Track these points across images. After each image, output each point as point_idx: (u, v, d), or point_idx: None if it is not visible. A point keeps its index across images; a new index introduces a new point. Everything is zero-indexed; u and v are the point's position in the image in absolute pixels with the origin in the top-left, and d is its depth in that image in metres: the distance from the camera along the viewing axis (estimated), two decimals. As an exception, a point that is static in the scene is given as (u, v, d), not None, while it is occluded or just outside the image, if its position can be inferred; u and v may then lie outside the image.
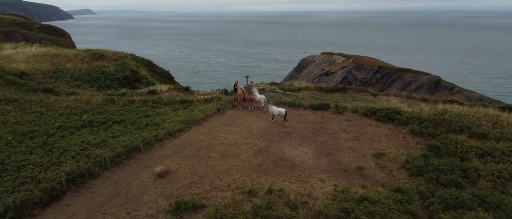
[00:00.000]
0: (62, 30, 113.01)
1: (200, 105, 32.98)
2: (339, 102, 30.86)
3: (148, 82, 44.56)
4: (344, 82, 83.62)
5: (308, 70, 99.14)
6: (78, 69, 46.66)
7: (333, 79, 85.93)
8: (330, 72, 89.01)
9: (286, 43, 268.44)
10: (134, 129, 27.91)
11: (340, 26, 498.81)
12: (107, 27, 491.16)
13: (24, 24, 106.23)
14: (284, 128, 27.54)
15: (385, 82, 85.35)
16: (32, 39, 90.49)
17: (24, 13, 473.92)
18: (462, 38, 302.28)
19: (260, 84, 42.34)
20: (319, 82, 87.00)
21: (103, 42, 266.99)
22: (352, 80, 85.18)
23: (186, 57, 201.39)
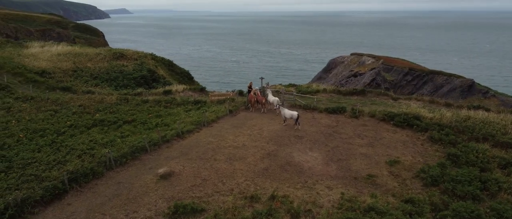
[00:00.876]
0: (95, 29, 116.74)
1: (213, 106, 32.88)
2: (356, 106, 29.94)
3: (165, 82, 45.02)
4: (372, 84, 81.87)
5: (337, 71, 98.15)
6: (98, 68, 47.73)
7: (361, 81, 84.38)
8: (359, 74, 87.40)
9: (317, 44, 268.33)
10: (144, 129, 28.10)
11: (374, 26, 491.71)
12: (143, 26, 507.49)
13: (60, 23, 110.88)
14: (296, 132, 26.96)
15: (415, 84, 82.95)
16: (66, 38, 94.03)
17: (64, 12, 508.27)
18: (504, 40, 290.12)
19: (277, 86, 41.86)
20: (346, 84, 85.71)
21: (138, 41, 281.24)
22: (381, 82, 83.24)
23: (217, 57, 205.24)
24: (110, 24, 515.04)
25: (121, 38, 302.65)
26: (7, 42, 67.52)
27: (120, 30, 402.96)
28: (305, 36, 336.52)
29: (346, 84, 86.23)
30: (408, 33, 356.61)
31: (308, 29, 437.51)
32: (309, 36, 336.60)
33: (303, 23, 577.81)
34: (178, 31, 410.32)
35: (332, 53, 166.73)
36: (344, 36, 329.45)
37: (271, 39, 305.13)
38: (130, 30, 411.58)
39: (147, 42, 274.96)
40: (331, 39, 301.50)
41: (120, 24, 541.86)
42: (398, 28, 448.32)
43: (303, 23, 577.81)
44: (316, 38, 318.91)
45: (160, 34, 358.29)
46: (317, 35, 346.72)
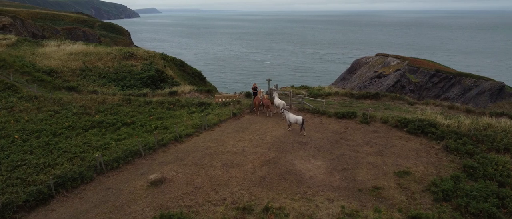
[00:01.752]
0: (121, 28, 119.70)
1: (217, 109, 32.08)
2: (368, 111, 28.51)
3: (173, 82, 44.58)
4: (396, 86, 79.77)
5: (361, 72, 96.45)
6: (107, 67, 47.78)
7: (384, 82, 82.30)
8: (383, 75, 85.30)
9: (345, 44, 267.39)
10: (142, 132, 27.57)
11: (405, 26, 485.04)
12: (171, 25, 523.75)
13: (87, 22, 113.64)
14: (300, 137, 25.82)
15: (442, 87, 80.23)
16: (91, 36, 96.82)
17: (96, 11, 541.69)
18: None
19: (287, 88, 40.71)
20: (370, 85, 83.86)
21: (166, 40, 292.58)
22: (406, 84, 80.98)
23: (243, 56, 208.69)
24: (139, 23, 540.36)
25: (150, 37, 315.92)
26: (24, 41, 68.70)
27: (149, 29, 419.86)
28: (333, 36, 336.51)
29: (369, 85, 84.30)
30: (439, 34, 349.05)
31: (337, 29, 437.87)
32: (337, 36, 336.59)
33: (332, 23, 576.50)
34: (206, 30, 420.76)
35: (359, 54, 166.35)
36: (373, 36, 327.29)
37: (298, 39, 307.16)
38: (159, 29, 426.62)
39: (175, 42, 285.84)
40: (360, 39, 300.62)
41: (149, 23, 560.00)
42: (430, 28, 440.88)
43: (332, 23, 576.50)
44: (344, 38, 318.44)
45: (188, 34, 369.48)
46: (346, 35, 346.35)
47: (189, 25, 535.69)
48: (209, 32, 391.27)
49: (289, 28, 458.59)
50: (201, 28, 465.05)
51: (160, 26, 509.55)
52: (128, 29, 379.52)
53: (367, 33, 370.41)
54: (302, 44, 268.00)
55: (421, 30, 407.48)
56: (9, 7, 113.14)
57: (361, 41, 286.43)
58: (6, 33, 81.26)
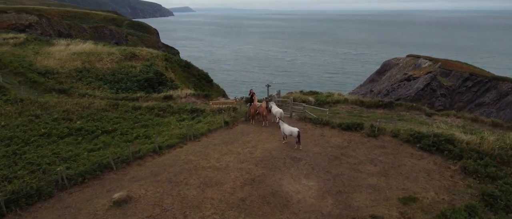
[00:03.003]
0: (149, 27, 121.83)
1: (210, 116, 30.17)
2: (377, 122, 25.88)
3: (172, 85, 43.09)
4: (426, 89, 76.49)
5: (390, 74, 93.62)
6: (105, 69, 46.88)
7: (414, 85, 79.06)
8: (412, 78, 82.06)
9: (377, 44, 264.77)
10: (122, 141, 25.97)
11: (441, 26, 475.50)
12: (204, 24, 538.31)
13: (116, 20, 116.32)
14: (295, 152, 23.52)
15: (476, 92, 76.10)
16: (118, 35, 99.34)
17: (131, 10, 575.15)
18: None
19: (293, 93, 38.39)
20: (399, 88, 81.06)
21: (199, 39, 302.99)
22: (436, 87, 77.44)
23: (272, 55, 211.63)
24: (173, 22, 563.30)
25: (183, 35, 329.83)
26: (34, 40, 69.07)
27: (182, 28, 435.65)
28: (366, 36, 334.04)
29: (398, 88, 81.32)
30: (479, 35, 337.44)
31: (370, 29, 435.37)
32: (370, 36, 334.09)
33: (364, 23, 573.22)
34: (238, 29, 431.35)
35: (392, 54, 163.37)
36: (407, 37, 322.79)
37: (329, 39, 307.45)
38: (193, 28, 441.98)
39: (207, 40, 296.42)
40: (393, 39, 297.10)
41: (183, 22, 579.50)
42: (468, 28, 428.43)
43: (364, 23, 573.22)
44: (378, 38, 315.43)
45: (221, 32, 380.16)
46: (379, 35, 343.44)
47: (222, 24, 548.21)
48: (241, 31, 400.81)
49: (321, 28, 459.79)
50: (233, 27, 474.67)
51: (193, 24, 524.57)
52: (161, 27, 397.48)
53: (402, 33, 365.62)
54: (334, 44, 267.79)
55: (459, 30, 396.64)
56: (42, 6, 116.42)
57: (395, 41, 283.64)
58: (33, 31, 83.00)
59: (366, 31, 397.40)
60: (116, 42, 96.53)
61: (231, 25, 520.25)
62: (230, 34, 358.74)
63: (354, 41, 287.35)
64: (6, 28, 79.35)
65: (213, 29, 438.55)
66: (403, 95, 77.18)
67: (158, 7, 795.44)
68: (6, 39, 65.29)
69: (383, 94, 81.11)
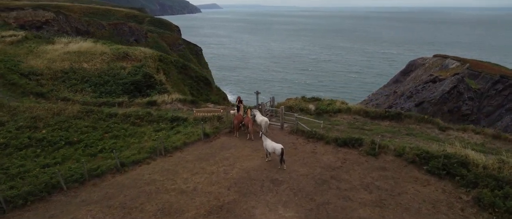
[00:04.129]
0: (170, 24, 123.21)
1: (190, 126, 27.69)
2: (379, 138, 22.86)
3: (161, 89, 40.85)
4: (452, 92, 72.60)
5: (415, 75, 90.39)
6: (93, 70, 45.11)
7: (439, 88, 75.35)
8: (438, 79, 78.36)
9: (407, 42, 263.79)
10: (85, 155, 23.75)
11: (478, 24, 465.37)
12: (232, 21, 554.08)
13: (137, 17, 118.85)
14: (278, 173, 20.79)
15: (507, 95, 71.80)
16: (137, 32, 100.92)
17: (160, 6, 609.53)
18: None
19: (291, 100, 35.55)
20: (423, 90, 77.79)
21: (226, 36, 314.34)
22: (464, 90, 73.40)
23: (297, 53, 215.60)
24: (201, 19, 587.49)
25: (210, 32, 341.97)
26: (34, 37, 68.28)
27: (209, 25, 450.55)
28: (396, 34, 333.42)
29: (422, 90, 77.86)
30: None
31: (401, 26, 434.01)
32: (400, 34, 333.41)
33: (396, 20, 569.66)
34: (266, 26, 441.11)
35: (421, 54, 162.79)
36: (441, 35, 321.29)
37: (358, 37, 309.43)
38: (220, 25, 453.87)
39: (233, 37, 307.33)
40: (423, 38, 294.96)
41: (210, 19, 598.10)
42: (505, 27, 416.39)
43: (396, 20, 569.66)
44: (407, 36, 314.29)
45: (248, 29, 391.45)
46: (409, 33, 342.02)
47: (249, 20, 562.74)
48: (268, 28, 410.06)
49: (350, 25, 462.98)
50: (260, 24, 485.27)
51: (221, 21, 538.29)
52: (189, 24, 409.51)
53: (434, 31, 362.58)
54: (362, 42, 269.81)
55: (494, 29, 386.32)
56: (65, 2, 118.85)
57: (428, 39, 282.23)
58: (49, 28, 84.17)
59: (396, 29, 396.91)
60: (135, 39, 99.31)
61: (258, 22, 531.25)
62: (256, 31, 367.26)
63: (383, 39, 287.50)
64: (23, 24, 79.98)
65: (239, 26, 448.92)
66: (428, 98, 73.47)
67: (186, 4, 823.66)
68: (4, 37, 64.62)
69: (407, 96, 77.72)
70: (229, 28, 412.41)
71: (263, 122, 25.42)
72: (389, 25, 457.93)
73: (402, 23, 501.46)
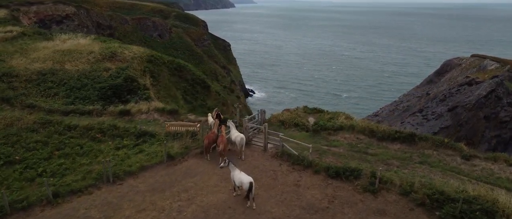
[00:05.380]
0: (196, 19, 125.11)
1: (157, 144, 24.11)
2: (383, 168, 18.70)
3: (143, 95, 37.42)
4: (490, 97, 67.39)
5: (450, 76, 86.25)
6: (74, 71, 42.22)
7: (475, 91, 70.35)
8: (475, 82, 73.34)
9: (447, 40, 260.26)
10: (21, 179, 20.53)
11: None
12: (265, 16, 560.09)
13: (163, 11, 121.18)
14: (244, 214, 16.96)
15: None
16: (161, 27, 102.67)
17: (194, 1, 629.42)
18: None
19: (290, 111, 31.46)
20: (457, 93, 73.01)
21: (260, 32, 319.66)
22: (503, 95, 68.18)
23: (331, 50, 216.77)
24: (234, 14, 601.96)
25: (244, 28, 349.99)
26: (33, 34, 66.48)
27: (243, 20, 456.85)
28: (437, 31, 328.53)
29: (457, 94, 73.11)
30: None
31: (443, 23, 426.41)
32: (442, 31, 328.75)
33: (438, 17, 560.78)
34: (301, 22, 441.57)
35: (461, 52, 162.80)
36: (483, 33, 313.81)
37: (395, 33, 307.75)
38: (253, 20, 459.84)
39: (267, 33, 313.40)
40: (466, 36, 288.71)
41: (244, 14, 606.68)
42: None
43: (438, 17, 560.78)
44: (449, 33, 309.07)
45: (282, 25, 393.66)
46: (451, 31, 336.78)
47: (283, 16, 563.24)
48: (301, 24, 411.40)
49: (386, 21, 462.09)
50: (295, 19, 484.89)
51: (255, 16, 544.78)
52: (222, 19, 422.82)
53: (474, 29, 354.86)
54: (398, 38, 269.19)
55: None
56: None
57: (464, 38, 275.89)
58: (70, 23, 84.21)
59: (438, 26, 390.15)
60: (158, 34, 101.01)
61: (292, 17, 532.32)
62: (290, 27, 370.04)
63: (420, 36, 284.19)
64: (43, 19, 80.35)
65: (273, 21, 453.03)
66: (462, 102, 68.36)
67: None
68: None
69: (439, 99, 72.92)
70: (262, 23, 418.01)
71: (238, 139, 21.65)
72: (428, 21, 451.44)
73: (442, 19, 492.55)
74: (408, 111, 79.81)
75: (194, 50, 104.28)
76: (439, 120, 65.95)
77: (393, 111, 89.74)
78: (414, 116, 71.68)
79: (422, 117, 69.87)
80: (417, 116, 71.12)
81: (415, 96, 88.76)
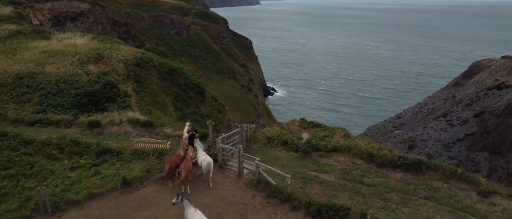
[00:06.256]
0: (216, 16, 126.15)
1: (117, 164, 21.20)
2: (378, 205, 15.44)
3: (122, 103, 34.58)
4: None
5: (479, 78, 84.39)
6: (53, 75, 39.91)
7: (505, 96, 67.48)
8: (505, 86, 70.80)
9: (479, 40, 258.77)
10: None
11: None
12: (291, 13, 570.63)
13: (183, 9, 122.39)
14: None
15: None
16: (179, 24, 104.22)
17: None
18: None
19: (281, 125, 28.14)
20: (485, 98, 69.88)
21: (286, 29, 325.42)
22: None
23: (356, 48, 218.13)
24: (260, 11, 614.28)
25: (269, 25, 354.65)
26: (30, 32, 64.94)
27: (268, 17, 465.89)
28: (469, 30, 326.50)
29: (485, 98, 70.04)
30: None
31: (475, 22, 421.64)
32: (473, 30, 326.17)
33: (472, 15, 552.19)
34: (328, 19, 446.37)
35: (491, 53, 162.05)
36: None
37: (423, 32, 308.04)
38: (279, 18, 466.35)
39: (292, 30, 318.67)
40: (502, 35, 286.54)
41: (269, 11, 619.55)
42: None
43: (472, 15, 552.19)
44: (482, 33, 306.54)
45: (307, 23, 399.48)
46: (483, 30, 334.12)
47: (310, 13, 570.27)
48: (327, 22, 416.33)
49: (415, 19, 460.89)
50: (322, 17, 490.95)
51: (281, 13, 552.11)
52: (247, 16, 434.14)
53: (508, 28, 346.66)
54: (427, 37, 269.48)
55: None
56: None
57: (496, 37, 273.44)
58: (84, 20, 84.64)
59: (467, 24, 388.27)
60: (176, 32, 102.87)
61: (318, 14, 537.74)
62: (315, 25, 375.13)
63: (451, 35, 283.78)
64: (57, 16, 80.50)
65: (298, 18, 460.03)
66: (490, 107, 64.63)
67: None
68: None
69: (465, 103, 69.72)
70: (287, 20, 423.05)
71: (204, 164, 18.64)
72: (459, 20, 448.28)
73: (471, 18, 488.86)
74: (432, 114, 76.80)
75: (212, 47, 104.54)
76: (464, 126, 62.63)
77: (416, 114, 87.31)
78: (438, 120, 68.55)
79: (446, 122, 66.60)
80: (441, 121, 67.92)
81: (441, 98, 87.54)
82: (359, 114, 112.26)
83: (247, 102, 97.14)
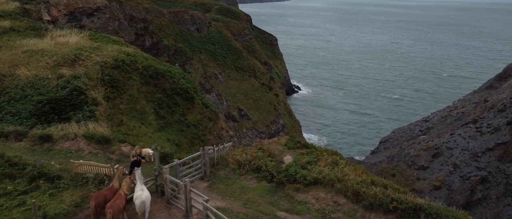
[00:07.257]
0: (239, 13, 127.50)
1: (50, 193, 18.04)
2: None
3: (89, 112, 31.36)
4: None
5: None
6: (23, 78, 37.21)
7: None
8: None
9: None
10: None
11: None
12: (321, 10, 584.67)
13: (206, 5, 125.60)
14: None
15: None
16: (199, 20, 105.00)
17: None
18: None
19: (254, 148, 24.59)
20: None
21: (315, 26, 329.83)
22: None
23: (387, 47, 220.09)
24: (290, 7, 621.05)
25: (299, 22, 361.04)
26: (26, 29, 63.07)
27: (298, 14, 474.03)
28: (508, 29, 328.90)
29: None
30: None
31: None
32: None
33: None
34: (359, 17, 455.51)
35: None
36: None
37: (459, 31, 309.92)
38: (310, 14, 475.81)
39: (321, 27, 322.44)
40: None
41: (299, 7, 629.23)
42: None
43: None
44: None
45: (337, 19, 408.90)
46: None
47: (341, 10, 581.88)
48: (358, 19, 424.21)
49: (450, 18, 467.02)
50: (353, 14, 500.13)
51: (311, 10, 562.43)
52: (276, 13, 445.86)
53: None
54: (461, 36, 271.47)
55: None
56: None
57: None
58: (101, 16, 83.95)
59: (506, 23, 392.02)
60: (196, 28, 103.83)
61: (348, 11, 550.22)
62: (345, 22, 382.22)
63: (488, 34, 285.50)
64: (73, 12, 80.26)
65: (328, 15, 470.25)
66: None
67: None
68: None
69: (498, 109, 66.95)
70: (317, 17, 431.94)
71: (136, 202, 15.36)
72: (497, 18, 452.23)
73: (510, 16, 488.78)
74: (461, 119, 73.80)
75: (233, 45, 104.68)
76: (495, 134, 60.37)
77: (445, 117, 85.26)
78: (467, 127, 65.77)
79: (476, 129, 64.05)
80: (470, 127, 65.12)
81: (472, 102, 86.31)
82: (385, 116, 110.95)
83: (266, 101, 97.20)
